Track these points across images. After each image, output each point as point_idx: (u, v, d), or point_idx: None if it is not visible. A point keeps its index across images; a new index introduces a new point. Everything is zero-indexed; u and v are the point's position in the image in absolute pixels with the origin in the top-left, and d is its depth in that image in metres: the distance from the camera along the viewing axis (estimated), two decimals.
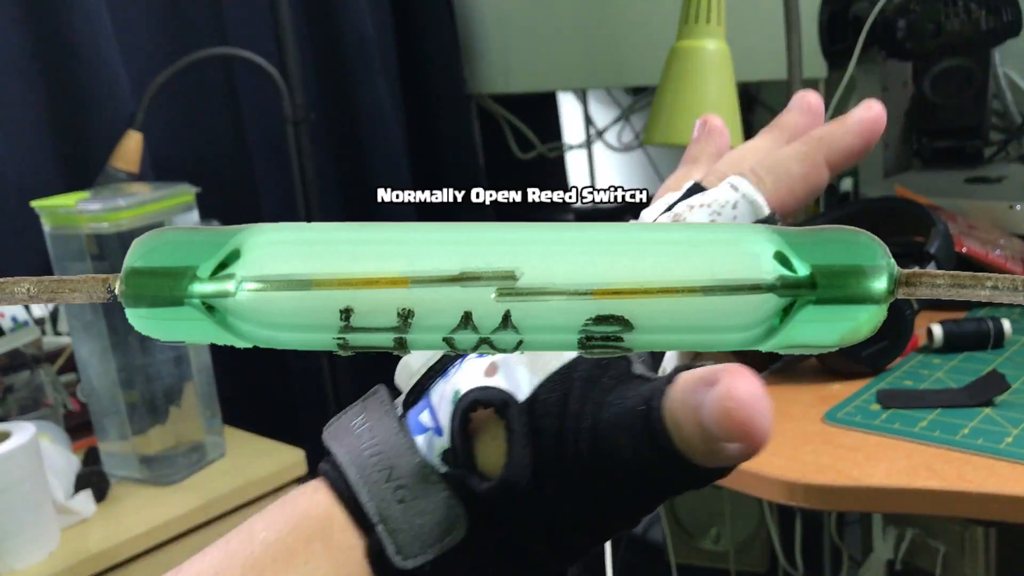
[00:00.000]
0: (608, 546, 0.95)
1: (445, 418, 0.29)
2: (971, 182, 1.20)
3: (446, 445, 0.29)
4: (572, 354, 0.29)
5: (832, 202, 1.37)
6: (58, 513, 0.96)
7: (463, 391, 0.29)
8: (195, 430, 1.10)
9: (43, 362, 1.13)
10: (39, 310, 1.17)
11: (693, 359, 0.33)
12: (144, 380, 1.05)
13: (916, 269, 0.24)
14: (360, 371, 1.28)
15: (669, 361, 0.33)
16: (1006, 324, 0.92)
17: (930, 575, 1.17)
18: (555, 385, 0.29)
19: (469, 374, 0.30)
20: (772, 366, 0.90)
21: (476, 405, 0.29)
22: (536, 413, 0.28)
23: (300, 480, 1.11)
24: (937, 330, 0.92)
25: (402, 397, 0.32)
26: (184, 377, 1.09)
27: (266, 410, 1.47)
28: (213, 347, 1.12)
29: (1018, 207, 1.09)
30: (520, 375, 0.29)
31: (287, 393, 1.51)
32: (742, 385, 0.25)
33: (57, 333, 1.18)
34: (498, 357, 0.29)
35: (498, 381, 0.29)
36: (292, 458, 1.10)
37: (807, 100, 0.37)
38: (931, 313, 0.99)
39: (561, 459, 0.28)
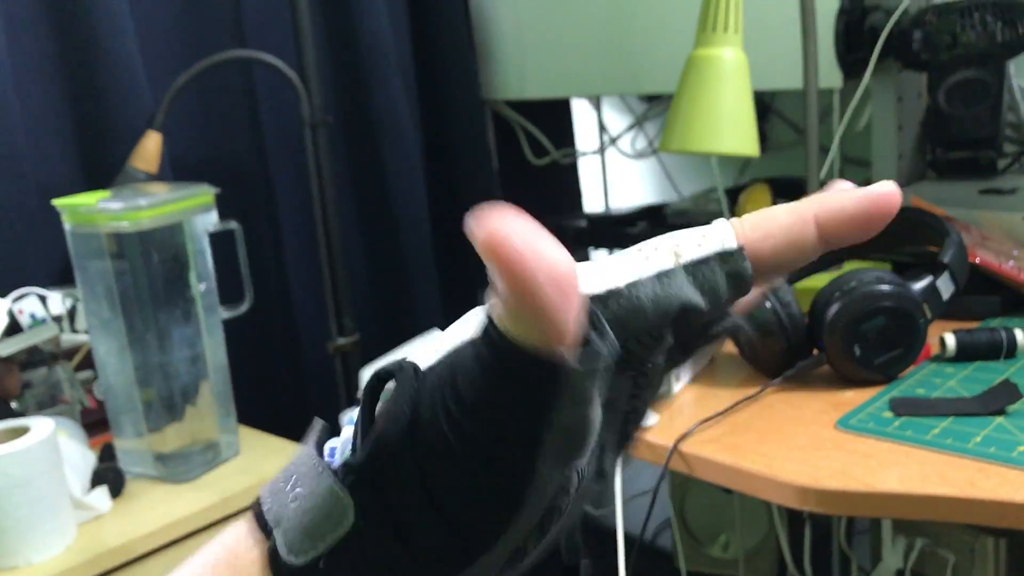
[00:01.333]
0: (621, 553, 0.96)
1: (347, 433, 0.30)
2: (985, 193, 1.21)
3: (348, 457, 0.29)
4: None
5: None
6: (75, 508, 0.97)
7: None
8: (210, 428, 1.11)
9: (60, 359, 1.14)
10: (57, 307, 1.18)
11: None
12: (161, 378, 1.06)
13: None
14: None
15: (683, 367, 0.34)
16: (1019, 334, 0.92)
17: None
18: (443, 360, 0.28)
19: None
20: (785, 373, 0.91)
21: (380, 377, 0.28)
22: (423, 380, 0.27)
23: None
24: (950, 339, 0.92)
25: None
26: (200, 376, 1.10)
27: (280, 410, 1.49)
28: (229, 347, 1.14)
29: None
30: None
31: (300, 393, 1.52)
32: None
33: (75, 331, 1.19)
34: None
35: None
36: None
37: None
38: (944, 323, 0.99)
39: (434, 415, 0.27)
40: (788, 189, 1.50)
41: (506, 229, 0.23)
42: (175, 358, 1.07)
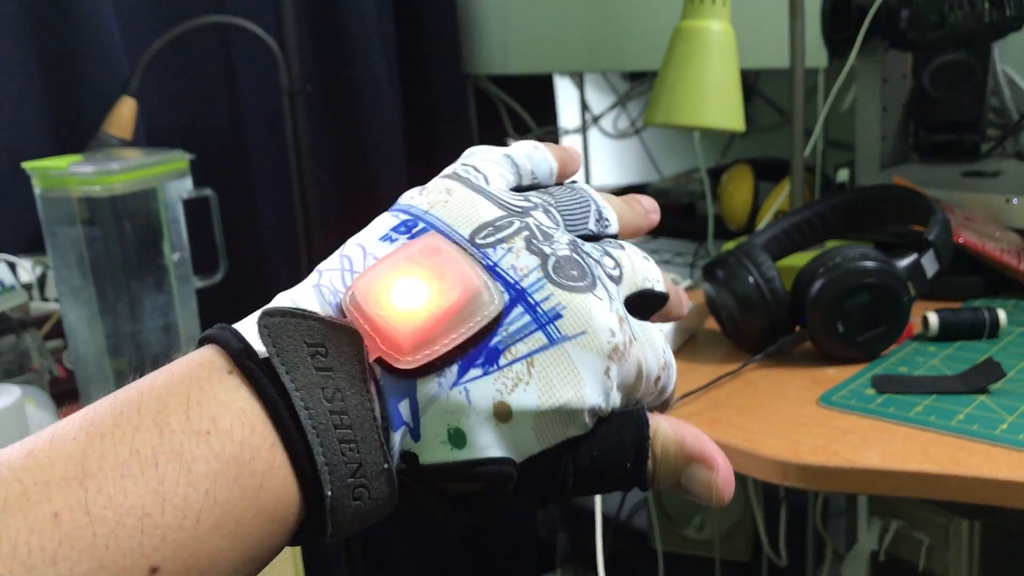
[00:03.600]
0: (599, 534, 0.95)
1: (429, 428, 0.29)
2: (968, 176, 1.20)
3: (413, 450, 0.29)
4: (575, 430, 0.31)
5: (829, 191, 1.37)
6: None
7: (469, 437, 0.29)
8: None
9: (29, 327, 1.11)
10: (26, 275, 1.15)
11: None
12: (132, 348, 1.04)
13: None
14: None
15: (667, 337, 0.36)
16: (1001, 314, 0.91)
17: (913, 567, 1.18)
18: (551, 451, 0.31)
19: (478, 402, 0.29)
20: (767, 349, 0.90)
21: (491, 474, 0.30)
22: (526, 470, 0.30)
23: None
24: (933, 318, 0.92)
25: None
26: (173, 346, 1.08)
27: None
28: (201, 317, 1.12)
29: (1015, 201, 1.09)
30: (526, 439, 0.30)
31: None
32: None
33: (44, 299, 1.17)
34: (515, 403, 0.29)
35: (505, 431, 0.29)
36: None
37: (656, 205, 0.40)
38: (927, 303, 0.99)
39: (545, 492, 0.32)
40: (770, 170, 1.49)
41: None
42: (147, 327, 1.05)
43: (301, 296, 0.30)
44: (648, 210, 0.39)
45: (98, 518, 0.24)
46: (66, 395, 1.11)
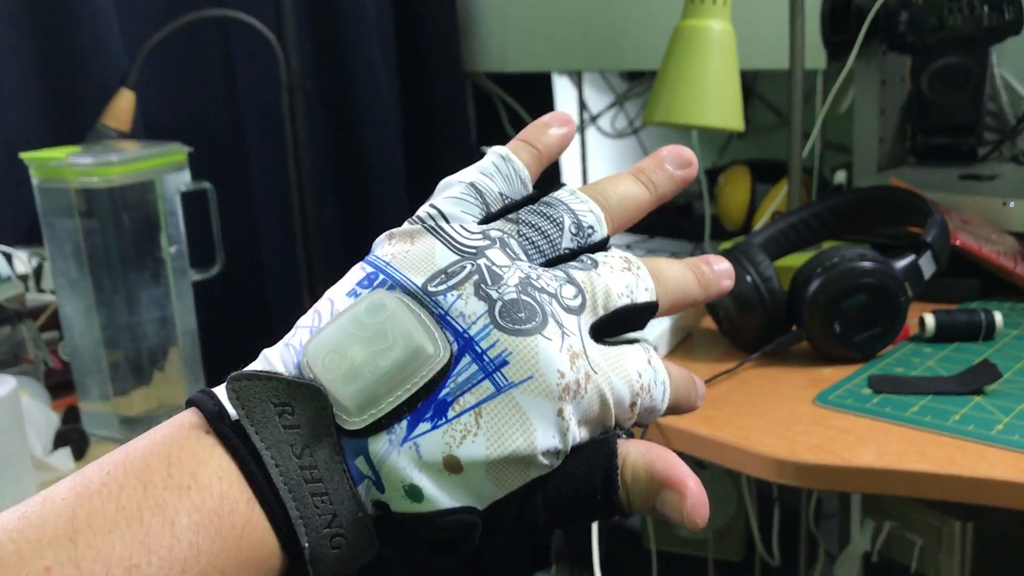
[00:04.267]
0: (595, 532, 0.95)
1: (388, 483, 0.30)
2: (965, 179, 1.21)
3: (383, 500, 0.30)
4: (535, 471, 0.31)
5: (826, 192, 1.37)
6: (35, 469, 0.95)
7: (424, 491, 0.30)
8: (178, 393, 1.09)
9: (25, 318, 1.11)
10: (23, 266, 1.15)
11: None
12: (128, 340, 1.04)
13: None
14: None
15: (660, 340, 0.37)
16: (998, 317, 0.92)
17: (906, 568, 1.18)
18: (516, 493, 0.31)
19: (428, 457, 0.30)
20: (763, 348, 0.90)
21: (460, 532, 0.31)
22: (492, 515, 0.31)
23: None
24: (930, 319, 0.92)
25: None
26: (169, 339, 1.07)
27: None
28: (199, 311, 1.12)
29: (1011, 204, 1.09)
30: (483, 487, 0.30)
31: None
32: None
33: (40, 290, 1.16)
34: (464, 455, 0.30)
35: (460, 482, 0.30)
36: None
37: (683, 155, 0.39)
38: (923, 304, 0.99)
39: (518, 530, 0.32)
40: (767, 171, 1.49)
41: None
42: (143, 320, 1.05)
43: (272, 354, 0.32)
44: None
45: (87, 571, 0.25)
46: (61, 386, 1.11)
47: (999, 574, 1.16)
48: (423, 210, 0.35)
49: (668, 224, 1.57)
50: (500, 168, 0.37)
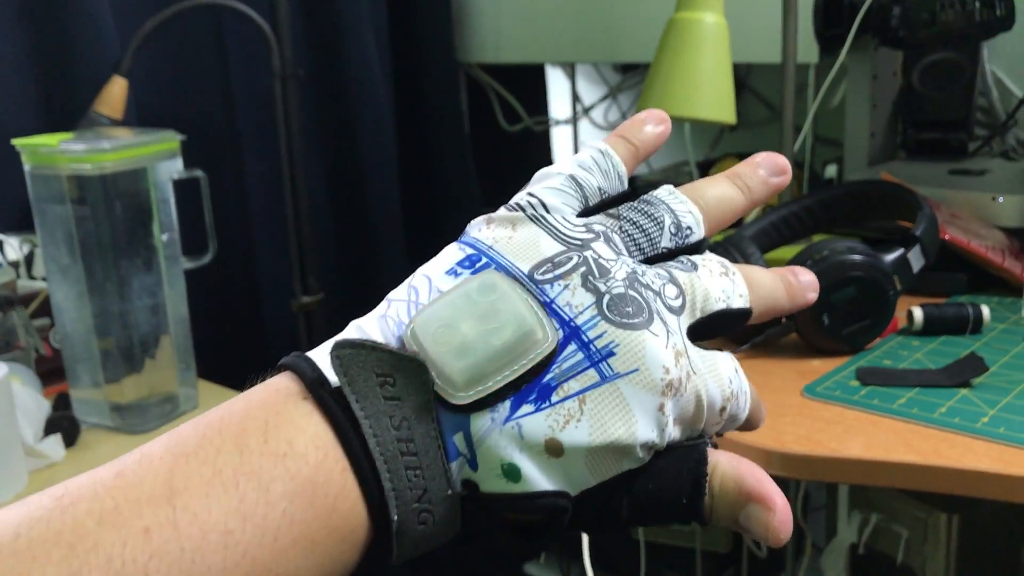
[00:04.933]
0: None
1: (485, 462, 0.30)
2: (954, 174, 1.21)
3: (473, 479, 0.30)
4: (629, 464, 0.31)
5: (816, 186, 1.38)
6: (26, 455, 0.95)
7: (523, 471, 0.30)
8: (169, 381, 1.09)
9: (16, 305, 1.11)
10: (14, 253, 1.15)
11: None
12: (120, 327, 1.04)
13: None
14: (336, 329, 1.28)
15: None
16: (985, 310, 0.93)
17: (892, 560, 1.19)
18: (607, 483, 0.31)
19: (530, 438, 0.30)
20: (753, 340, 0.91)
21: (550, 516, 0.31)
22: (582, 502, 0.31)
23: None
24: (918, 313, 0.93)
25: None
26: (160, 327, 1.07)
27: (240, 366, 1.46)
28: (189, 299, 1.12)
29: (1000, 199, 1.10)
30: (579, 473, 0.30)
31: (261, 350, 1.50)
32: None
33: (32, 277, 1.16)
34: (566, 439, 0.30)
35: (558, 466, 0.30)
36: None
37: (777, 162, 0.39)
38: (912, 298, 1.00)
39: (601, 522, 0.32)
40: None
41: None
42: (135, 307, 1.05)
43: (368, 325, 0.32)
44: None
45: (185, 534, 0.26)
46: (52, 374, 1.11)
47: (983, 565, 1.17)
48: (521, 198, 0.35)
49: None
50: (599, 162, 0.37)
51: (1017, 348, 0.88)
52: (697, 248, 0.36)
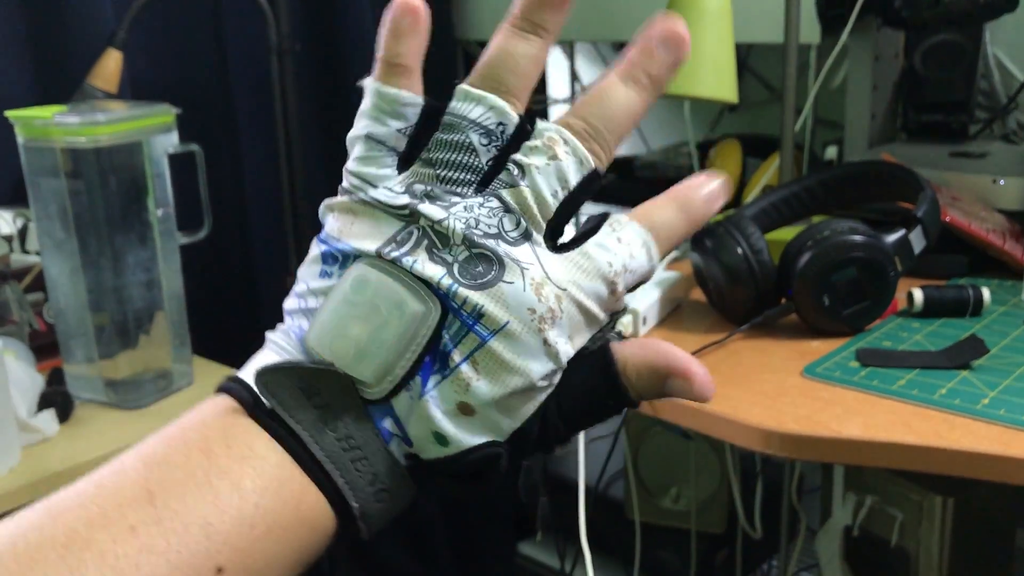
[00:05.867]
0: (582, 505, 0.95)
1: (415, 435, 0.32)
2: (955, 156, 1.21)
3: (409, 451, 0.33)
4: (542, 394, 0.34)
5: (817, 168, 1.37)
6: (20, 430, 0.94)
7: (448, 436, 0.32)
8: (163, 357, 1.08)
9: (10, 279, 1.10)
10: (7, 227, 1.14)
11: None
12: (114, 302, 1.03)
13: None
14: None
15: (649, 312, 0.38)
16: (986, 292, 0.92)
17: (886, 542, 1.19)
18: (531, 420, 0.34)
19: (445, 405, 0.32)
20: (752, 320, 0.90)
21: (487, 462, 0.33)
22: (513, 442, 0.34)
23: None
24: (918, 294, 0.92)
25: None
26: (155, 302, 1.07)
27: (235, 342, 1.46)
28: (185, 274, 1.11)
29: (1001, 182, 1.09)
30: (498, 421, 0.33)
31: (256, 326, 1.49)
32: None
33: (25, 251, 1.15)
34: (473, 398, 0.32)
35: (477, 422, 0.32)
36: None
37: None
38: (912, 280, 0.99)
39: (544, 444, 0.35)
40: (759, 146, 1.49)
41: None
42: (129, 282, 1.04)
43: (280, 339, 0.34)
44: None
45: (169, 528, 0.28)
46: (46, 348, 1.10)
47: (977, 548, 1.17)
48: (347, 180, 0.36)
49: None
50: (380, 106, 0.36)
51: (1017, 331, 0.88)
52: (522, 134, 0.34)
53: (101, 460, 0.92)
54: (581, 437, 0.96)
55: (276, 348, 0.34)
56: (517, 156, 0.34)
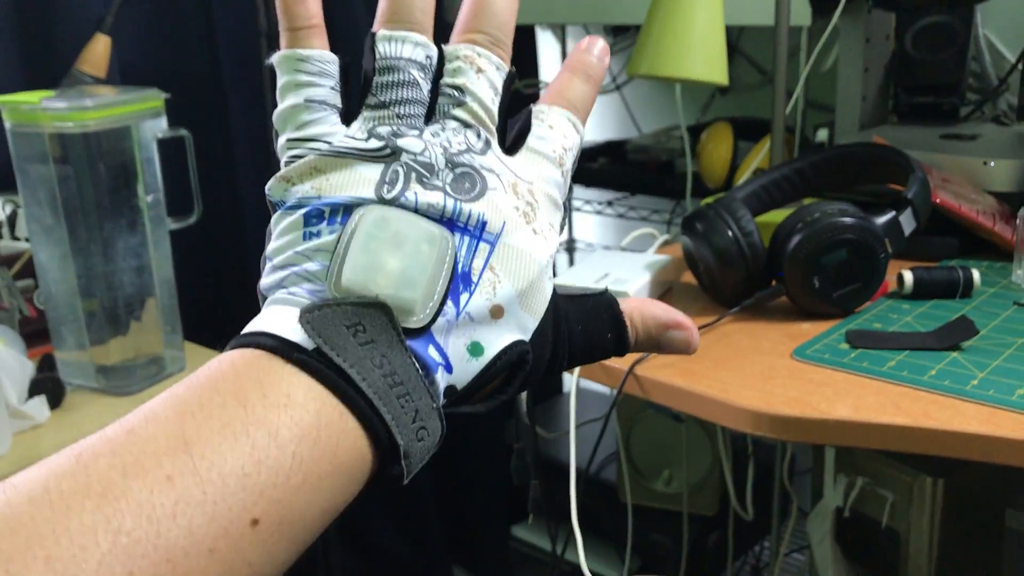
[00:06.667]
0: (573, 487, 0.95)
1: (454, 354, 0.34)
2: (946, 138, 1.21)
3: (451, 382, 0.34)
4: (549, 285, 0.37)
5: (808, 150, 1.37)
6: (11, 417, 0.94)
7: (483, 342, 0.34)
8: (155, 343, 1.08)
9: None
10: None
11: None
12: (105, 288, 1.03)
13: None
14: None
15: (640, 294, 0.39)
16: (976, 274, 0.92)
17: (877, 523, 1.20)
18: (546, 320, 0.37)
19: (479, 315, 0.34)
20: (743, 303, 0.90)
21: (518, 361, 0.36)
22: (535, 343, 0.36)
23: None
24: (908, 276, 0.92)
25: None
26: (146, 288, 1.06)
27: (226, 327, 1.46)
28: (175, 261, 1.10)
29: (991, 164, 1.10)
30: (523, 319, 0.35)
31: (248, 312, 1.49)
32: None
33: (15, 238, 1.15)
34: (501, 299, 0.34)
35: (506, 323, 0.35)
36: None
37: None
38: (902, 262, 0.99)
39: (548, 368, 0.38)
40: (750, 129, 1.49)
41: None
42: (119, 268, 1.03)
43: (280, 312, 0.33)
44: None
45: (205, 479, 0.28)
46: (36, 335, 1.10)
47: (967, 529, 1.18)
48: (295, 148, 0.36)
49: (650, 181, 1.57)
50: (309, 70, 0.37)
51: (1007, 312, 0.88)
52: (443, 60, 0.37)
53: None
54: (572, 420, 0.96)
55: (292, 301, 0.34)
56: (449, 79, 0.37)
